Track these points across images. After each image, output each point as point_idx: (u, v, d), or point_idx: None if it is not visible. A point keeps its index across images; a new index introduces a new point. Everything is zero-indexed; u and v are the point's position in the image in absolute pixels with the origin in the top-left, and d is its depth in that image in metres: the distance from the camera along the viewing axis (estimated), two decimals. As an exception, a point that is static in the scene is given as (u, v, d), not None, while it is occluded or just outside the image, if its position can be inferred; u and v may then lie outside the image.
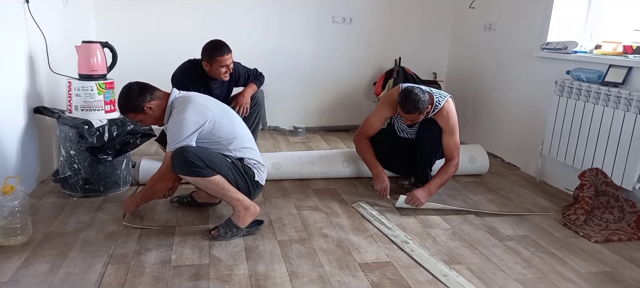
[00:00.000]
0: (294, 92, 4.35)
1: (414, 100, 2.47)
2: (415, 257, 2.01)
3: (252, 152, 2.21)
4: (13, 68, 2.41)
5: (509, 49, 3.62)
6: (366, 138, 2.80)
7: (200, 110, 2.05)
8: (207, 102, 2.13)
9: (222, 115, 2.13)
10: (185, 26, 3.92)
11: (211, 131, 2.07)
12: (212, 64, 2.81)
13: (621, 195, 2.51)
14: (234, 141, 2.14)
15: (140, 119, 2.13)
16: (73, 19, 3.30)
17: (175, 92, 2.14)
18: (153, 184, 2.12)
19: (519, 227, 2.41)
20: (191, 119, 2.01)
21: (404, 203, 2.54)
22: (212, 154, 2.05)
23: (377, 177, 2.72)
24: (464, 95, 4.10)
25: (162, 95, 2.12)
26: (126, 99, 2.08)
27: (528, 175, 3.33)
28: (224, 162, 2.08)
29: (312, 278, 1.82)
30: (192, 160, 1.95)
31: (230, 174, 2.08)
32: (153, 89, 2.11)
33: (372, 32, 4.37)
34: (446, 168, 2.65)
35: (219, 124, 2.09)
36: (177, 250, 1.99)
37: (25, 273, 1.77)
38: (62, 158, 2.50)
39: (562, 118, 2.96)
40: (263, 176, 2.24)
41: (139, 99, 2.06)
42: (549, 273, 1.95)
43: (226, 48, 2.81)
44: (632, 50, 2.69)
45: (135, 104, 2.07)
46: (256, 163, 2.20)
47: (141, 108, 2.07)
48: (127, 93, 2.08)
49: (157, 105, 2.09)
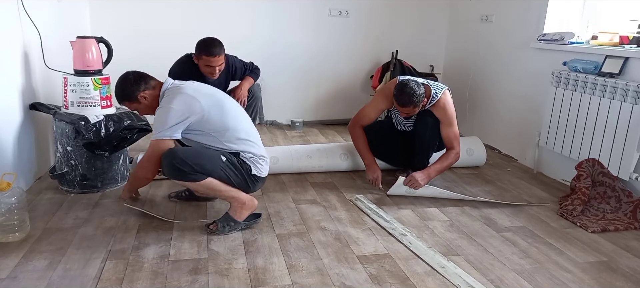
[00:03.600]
0: (291, 86, 4.34)
1: (409, 93, 2.50)
2: (413, 249, 2.02)
3: (249, 144, 2.15)
4: (8, 64, 2.40)
5: (506, 40, 3.62)
6: (360, 127, 2.83)
7: (188, 102, 2.00)
8: (197, 93, 2.06)
9: (213, 107, 2.06)
10: (182, 20, 3.90)
11: (200, 122, 2.03)
12: (199, 61, 2.80)
13: (618, 185, 2.52)
14: (226, 133, 2.08)
15: (136, 108, 2.15)
16: (68, 15, 3.27)
17: (168, 82, 2.12)
18: (135, 173, 2.17)
19: (516, 218, 2.42)
20: (176, 109, 1.98)
21: (402, 187, 2.56)
22: (202, 155, 2.02)
23: (368, 166, 2.76)
24: (461, 87, 4.10)
25: (156, 84, 2.12)
26: (121, 87, 2.10)
27: (525, 167, 3.34)
28: (216, 161, 2.03)
29: (310, 271, 1.83)
30: (179, 165, 1.93)
31: (223, 173, 2.04)
32: (148, 79, 2.11)
33: (369, 25, 4.36)
34: (446, 156, 2.68)
35: (207, 116, 2.03)
36: (175, 245, 1.99)
37: (23, 269, 1.76)
38: (59, 155, 2.49)
39: (558, 109, 2.97)
40: (263, 168, 2.19)
41: (132, 88, 2.07)
42: (546, 264, 1.96)
43: (217, 49, 2.75)
44: (628, 41, 2.70)
45: (129, 93, 2.08)
46: (253, 156, 2.14)
47: (135, 97, 2.08)
48: (123, 82, 2.10)
49: (151, 94, 2.09)
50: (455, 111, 2.69)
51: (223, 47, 2.82)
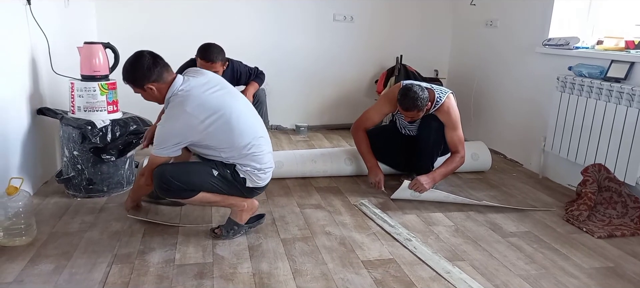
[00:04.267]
0: (296, 91, 4.35)
1: (412, 97, 2.50)
2: (418, 254, 2.02)
3: (252, 158, 2.02)
4: (16, 70, 2.42)
5: (511, 45, 3.61)
6: (363, 130, 2.84)
7: (189, 123, 1.89)
8: (201, 108, 1.90)
9: (218, 126, 1.92)
10: (187, 26, 3.92)
11: (202, 139, 1.94)
12: (197, 64, 2.81)
13: (624, 191, 2.50)
14: (230, 150, 1.99)
15: (141, 93, 2.00)
16: (75, 20, 3.30)
17: (177, 83, 1.95)
18: (136, 182, 2.19)
19: (521, 223, 2.41)
20: (177, 131, 1.91)
21: (406, 191, 2.57)
22: (191, 172, 1.98)
23: (371, 169, 2.77)
24: (465, 91, 4.09)
25: (169, 79, 1.96)
26: (131, 69, 1.94)
27: (531, 172, 3.33)
28: (206, 177, 1.97)
29: (315, 276, 1.83)
30: (166, 184, 1.92)
31: (216, 186, 2.00)
32: (162, 69, 1.94)
33: (373, 30, 4.37)
34: (451, 160, 2.69)
35: (211, 134, 1.93)
36: (180, 249, 1.99)
37: (29, 273, 1.77)
38: (66, 159, 2.51)
39: (564, 114, 2.96)
40: (260, 180, 2.08)
41: (144, 74, 1.91)
42: (551, 269, 1.95)
43: (214, 56, 2.74)
44: (634, 46, 2.69)
45: (137, 77, 1.93)
46: (251, 170, 2.03)
47: (142, 84, 1.94)
48: (134, 63, 1.93)
49: (159, 88, 1.95)
50: (460, 115, 2.69)
51: (221, 54, 2.81)
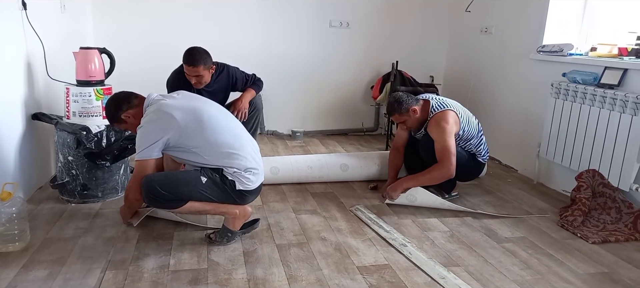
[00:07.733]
0: (292, 97, 4.35)
1: (390, 102, 2.69)
2: (413, 260, 2.02)
3: (232, 157, 2.01)
4: (11, 74, 2.42)
5: (505, 52, 3.64)
6: (396, 149, 2.93)
7: (163, 119, 1.94)
8: (174, 108, 1.96)
9: (190, 121, 1.96)
10: (183, 32, 3.92)
11: (179, 138, 1.95)
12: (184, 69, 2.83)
13: (618, 196, 2.52)
14: (208, 148, 1.98)
15: (125, 128, 2.18)
16: (71, 26, 3.30)
17: (150, 97, 2.05)
18: (126, 197, 2.14)
19: (516, 228, 2.41)
20: (152, 128, 1.94)
21: (401, 196, 2.61)
22: (179, 181, 1.96)
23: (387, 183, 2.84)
24: (460, 98, 4.08)
25: (139, 101, 2.09)
26: (107, 111, 2.15)
27: (525, 177, 3.34)
28: (195, 185, 1.96)
29: (310, 282, 1.83)
30: (154, 194, 1.91)
31: (206, 194, 1.98)
32: (130, 98, 2.10)
33: (369, 36, 4.39)
34: (430, 168, 2.61)
35: (185, 131, 1.94)
36: (175, 255, 1.99)
37: (23, 279, 1.76)
38: (60, 164, 2.50)
39: (558, 120, 2.98)
40: (249, 182, 2.05)
41: (115, 109, 2.10)
42: (546, 275, 1.96)
43: (196, 60, 2.73)
44: (627, 52, 2.71)
45: (113, 115, 2.12)
46: (237, 171, 2.01)
47: (119, 118, 2.10)
48: (107, 105, 2.14)
49: (134, 112, 2.08)
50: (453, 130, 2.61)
51: (206, 58, 2.78)
